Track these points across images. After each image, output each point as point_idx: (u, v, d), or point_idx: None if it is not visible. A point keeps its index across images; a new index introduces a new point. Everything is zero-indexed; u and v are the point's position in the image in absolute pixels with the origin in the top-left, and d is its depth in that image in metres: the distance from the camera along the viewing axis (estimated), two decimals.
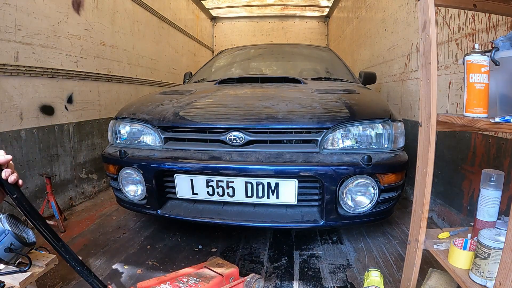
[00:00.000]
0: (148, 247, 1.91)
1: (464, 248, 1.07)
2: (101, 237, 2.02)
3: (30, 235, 1.46)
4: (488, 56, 0.96)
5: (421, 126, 1.22)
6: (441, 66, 2.22)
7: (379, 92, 3.44)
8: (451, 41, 2.10)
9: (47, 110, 2.25)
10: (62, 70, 2.35)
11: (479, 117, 0.95)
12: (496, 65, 0.96)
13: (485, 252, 0.92)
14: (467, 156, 1.93)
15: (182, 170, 1.65)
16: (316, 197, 1.68)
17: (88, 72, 2.63)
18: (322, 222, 1.64)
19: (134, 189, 1.81)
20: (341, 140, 1.65)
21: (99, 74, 2.77)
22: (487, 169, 1.12)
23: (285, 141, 1.66)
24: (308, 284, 1.57)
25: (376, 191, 1.63)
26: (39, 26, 2.15)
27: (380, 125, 1.67)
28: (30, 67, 2.07)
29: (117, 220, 2.28)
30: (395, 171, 1.63)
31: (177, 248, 1.91)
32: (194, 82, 2.92)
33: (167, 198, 1.81)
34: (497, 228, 1.06)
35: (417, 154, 1.25)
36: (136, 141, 1.86)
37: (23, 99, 2.04)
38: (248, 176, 1.59)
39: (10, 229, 1.30)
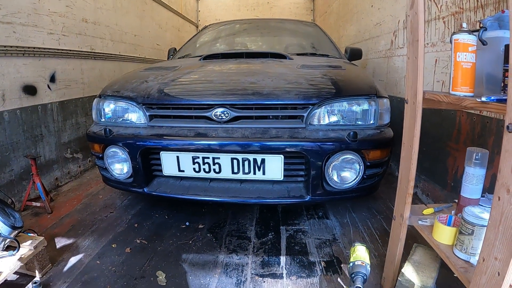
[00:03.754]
0: (136, 225, 1.92)
1: (448, 224, 1.10)
2: (89, 217, 2.02)
3: (18, 218, 1.45)
4: (475, 35, 0.96)
5: (407, 103, 1.22)
6: (428, 44, 2.21)
7: (365, 68, 3.43)
8: (438, 19, 2.08)
9: (30, 90, 2.18)
10: (44, 48, 2.27)
11: (465, 96, 0.96)
12: (484, 44, 0.96)
13: (469, 228, 0.95)
14: (452, 134, 1.96)
15: (168, 148, 1.64)
16: (302, 172, 1.70)
17: (70, 50, 2.55)
18: (308, 198, 1.67)
19: (120, 168, 1.80)
20: (327, 116, 1.65)
21: (81, 51, 2.69)
22: (471, 147, 1.14)
23: (271, 117, 1.65)
24: (295, 258, 1.61)
25: (362, 167, 1.65)
26: (20, 4, 2.06)
27: (365, 101, 1.67)
28: (11, 46, 1.99)
29: (103, 199, 2.28)
30: (380, 148, 1.65)
31: (165, 225, 1.92)
32: (179, 58, 2.86)
33: (153, 176, 1.81)
34: (481, 205, 1.08)
35: (403, 130, 1.26)
36: (121, 119, 1.83)
37: (4, 79, 1.97)
38: (234, 152, 1.59)
39: None
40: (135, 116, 1.78)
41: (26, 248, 1.41)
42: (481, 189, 1.15)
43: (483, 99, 0.84)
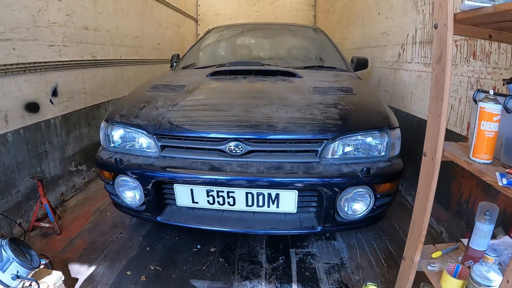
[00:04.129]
0: (148, 248, 1.95)
1: (455, 275, 1.15)
2: (99, 239, 2.03)
3: (34, 256, 1.46)
4: (501, 104, 0.97)
5: (425, 156, 1.24)
6: None
7: (370, 76, 3.42)
8: None
9: (33, 107, 2.12)
10: (45, 62, 2.19)
11: (485, 163, 0.99)
12: (508, 112, 0.97)
13: (475, 287, 1.00)
14: None
15: (182, 180, 1.64)
16: (314, 204, 1.73)
17: (71, 61, 2.46)
18: (319, 228, 1.71)
19: (132, 196, 1.80)
20: (340, 150, 1.67)
21: (83, 61, 2.60)
22: (483, 202, 1.18)
23: (285, 151, 1.66)
24: (306, 286, 1.66)
25: (372, 199, 1.69)
26: (18, 19, 1.96)
27: (379, 134, 1.68)
28: (11, 64, 1.92)
29: (111, 216, 2.28)
30: (390, 180, 1.68)
31: (176, 248, 1.95)
32: (183, 67, 2.80)
33: (165, 203, 1.82)
34: (487, 254, 1.14)
35: (419, 181, 1.28)
36: (131, 146, 1.80)
37: (6, 100, 1.91)
38: (249, 187, 1.60)
39: (14, 256, 1.30)
40: (146, 144, 1.75)
41: (44, 285, 1.43)
42: (488, 242, 1.20)
43: (504, 182, 0.87)
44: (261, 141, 1.63)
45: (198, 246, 1.97)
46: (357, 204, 1.70)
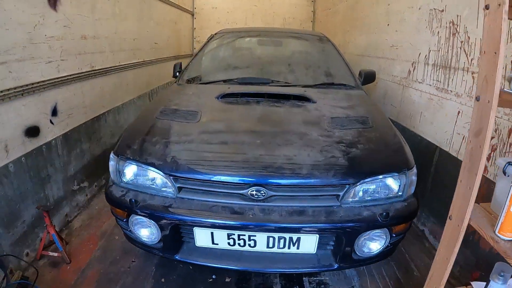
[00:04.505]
0: (163, 280, 1.94)
1: None
2: (111, 268, 2.00)
3: None
4: None
5: (450, 219, 1.25)
6: (451, 91, 2.21)
7: (375, 87, 3.39)
8: (467, 72, 2.05)
9: (33, 131, 2.00)
10: (43, 81, 2.04)
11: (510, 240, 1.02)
12: None
13: None
14: None
15: (202, 224, 1.61)
16: (332, 242, 1.75)
17: (70, 75, 2.31)
18: (336, 266, 1.74)
19: (148, 234, 1.76)
20: (361, 193, 1.67)
21: (81, 73, 2.45)
22: (500, 262, 1.22)
23: (307, 196, 1.65)
24: None
25: (388, 238, 1.73)
26: (13, 38, 1.80)
27: (398, 176, 1.69)
28: (8, 89, 1.78)
29: (120, 240, 2.23)
30: (406, 221, 1.72)
31: (191, 279, 1.96)
32: (188, 80, 2.68)
33: (182, 241, 1.79)
34: None
35: (441, 240, 1.31)
36: (144, 183, 1.73)
37: (5, 129, 1.79)
38: (271, 231, 1.60)
39: None
40: (162, 183, 1.68)
41: None
42: None
43: None
44: (284, 187, 1.62)
45: (213, 277, 1.98)
46: (373, 244, 1.74)
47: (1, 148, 1.77)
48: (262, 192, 1.59)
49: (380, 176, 1.67)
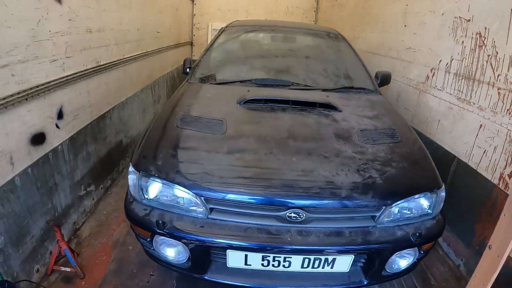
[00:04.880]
0: None
1: None
2: (129, 283, 1.91)
3: None
4: None
5: (490, 249, 1.25)
6: (474, 103, 2.19)
7: (387, 88, 3.34)
8: (492, 86, 2.02)
9: (38, 138, 1.82)
10: (48, 82, 1.84)
11: None
12: None
13: None
14: (485, 204, 2.06)
15: (236, 247, 1.54)
16: (363, 260, 1.74)
17: (76, 73, 2.10)
18: (365, 282, 1.74)
19: (174, 254, 1.67)
20: (396, 213, 1.65)
21: (87, 70, 2.24)
22: None
23: (344, 217, 1.61)
24: None
25: (416, 255, 1.74)
26: (16, 37, 1.59)
27: (430, 195, 1.68)
28: (12, 95, 1.58)
29: (135, 251, 2.14)
30: (435, 239, 1.73)
31: None
32: (201, 79, 2.52)
33: (211, 259, 1.72)
34: None
35: (476, 270, 1.31)
36: (171, 201, 1.61)
37: (9, 139, 1.61)
38: (307, 252, 1.56)
39: None
40: (191, 203, 1.58)
41: None
42: None
43: None
44: (323, 209, 1.56)
45: None
46: (402, 261, 1.74)
47: (6, 161, 1.59)
48: (300, 215, 1.54)
49: (416, 196, 1.65)
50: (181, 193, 1.57)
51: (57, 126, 1.98)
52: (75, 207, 2.24)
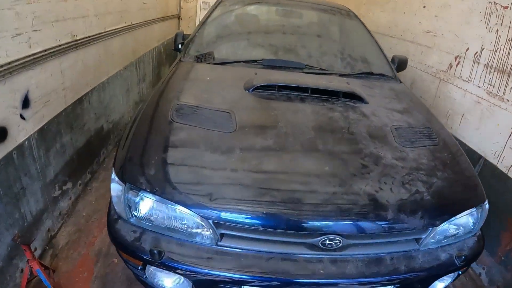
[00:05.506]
0: None
1: None
2: None
3: None
4: None
5: None
6: (508, 101, 1.96)
7: (399, 74, 3.07)
8: None
9: None
10: (9, 63, 1.42)
11: None
12: None
13: None
14: None
15: (254, 283, 1.25)
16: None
17: (46, 50, 1.68)
18: None
19: (173, 285, 1.36)
20: (441, 234, 1.41)
21: (60, 46, 1.80)
22: None
23: (386, 242, 1.35)
24: None
25: (455, 277, 1.55)
26: None
27: (475, 212, 1.46)
28: None
29: (120, 265, 1.80)
30: (477, 258, 1.52)
31: None
32: (197, 57, 2.12)
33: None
34: None
35: None
36: (167, 221, 1.25)
37: None
38: (343, 285, 1.30)
39: None
40: (194, 225, 1.23)
41: None
42: None
43: None
44: (365, 233, 1.29)
45: None
46: (440, 284, 1.54)
47: None
48: (336, 241, 1.25)
49: (464, 214, 1.41)
50: (182, 213, 1.22)
51: (22, 117, 1.57)
52: (49, 212, 1.87)
